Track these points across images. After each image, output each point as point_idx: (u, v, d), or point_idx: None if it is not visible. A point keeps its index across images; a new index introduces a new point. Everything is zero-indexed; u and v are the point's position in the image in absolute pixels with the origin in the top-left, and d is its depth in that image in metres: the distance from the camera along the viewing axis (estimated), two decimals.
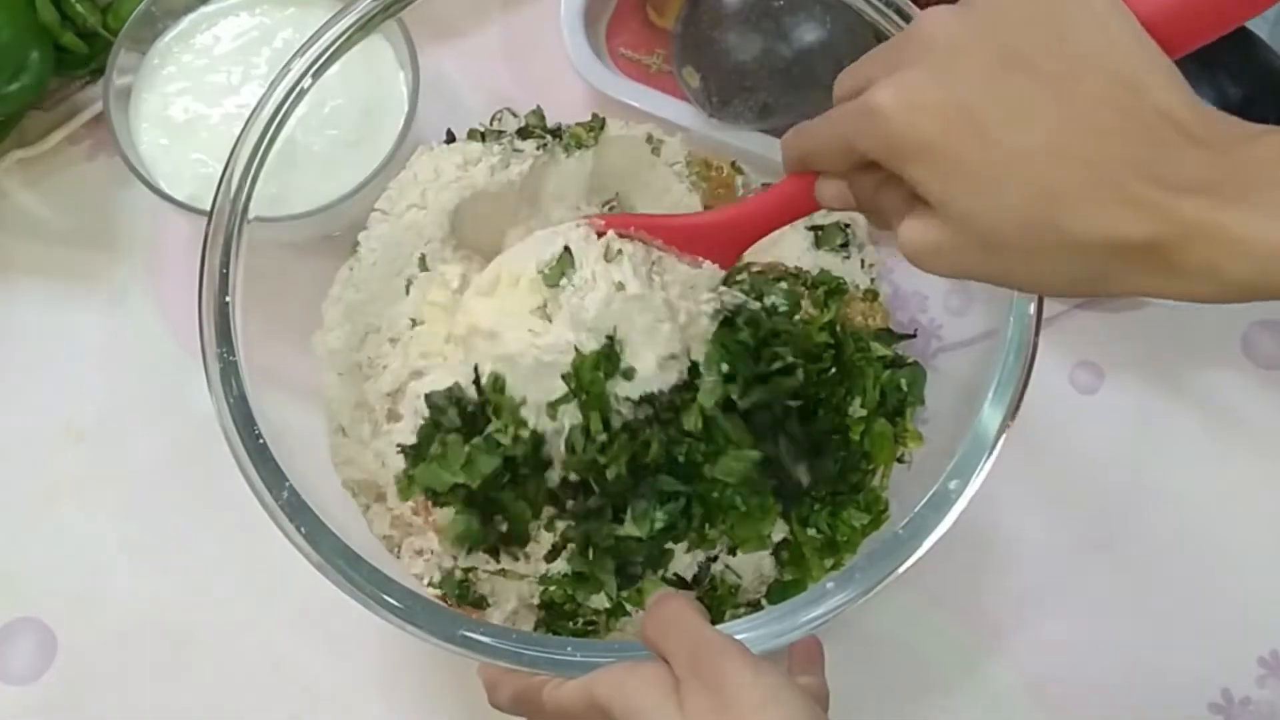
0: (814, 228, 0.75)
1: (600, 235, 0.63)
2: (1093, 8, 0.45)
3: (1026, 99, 0.44)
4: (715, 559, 0.67)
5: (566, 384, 0.61)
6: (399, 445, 0.65)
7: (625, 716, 0.50)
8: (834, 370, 0.68)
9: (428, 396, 0.64)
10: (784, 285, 0.71)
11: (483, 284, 0.66)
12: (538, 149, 0.74)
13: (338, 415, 0.71)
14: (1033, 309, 0.61)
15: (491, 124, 0.78)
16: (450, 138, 0.76)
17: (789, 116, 0.77)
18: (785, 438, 0.65)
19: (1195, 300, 0.44)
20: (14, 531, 0.76)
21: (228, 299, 0.62)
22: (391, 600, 0.56)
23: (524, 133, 0.77)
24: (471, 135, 0.76)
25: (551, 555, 0.65)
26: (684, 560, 0.66)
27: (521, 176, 0.73)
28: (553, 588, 0.66)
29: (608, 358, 0.61)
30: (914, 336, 0.73)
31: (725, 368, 0.63)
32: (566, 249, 0.63)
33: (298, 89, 0.67)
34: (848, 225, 0.75)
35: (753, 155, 0.80)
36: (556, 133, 0.77)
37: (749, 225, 0.62)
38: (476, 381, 0.63)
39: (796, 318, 0.69)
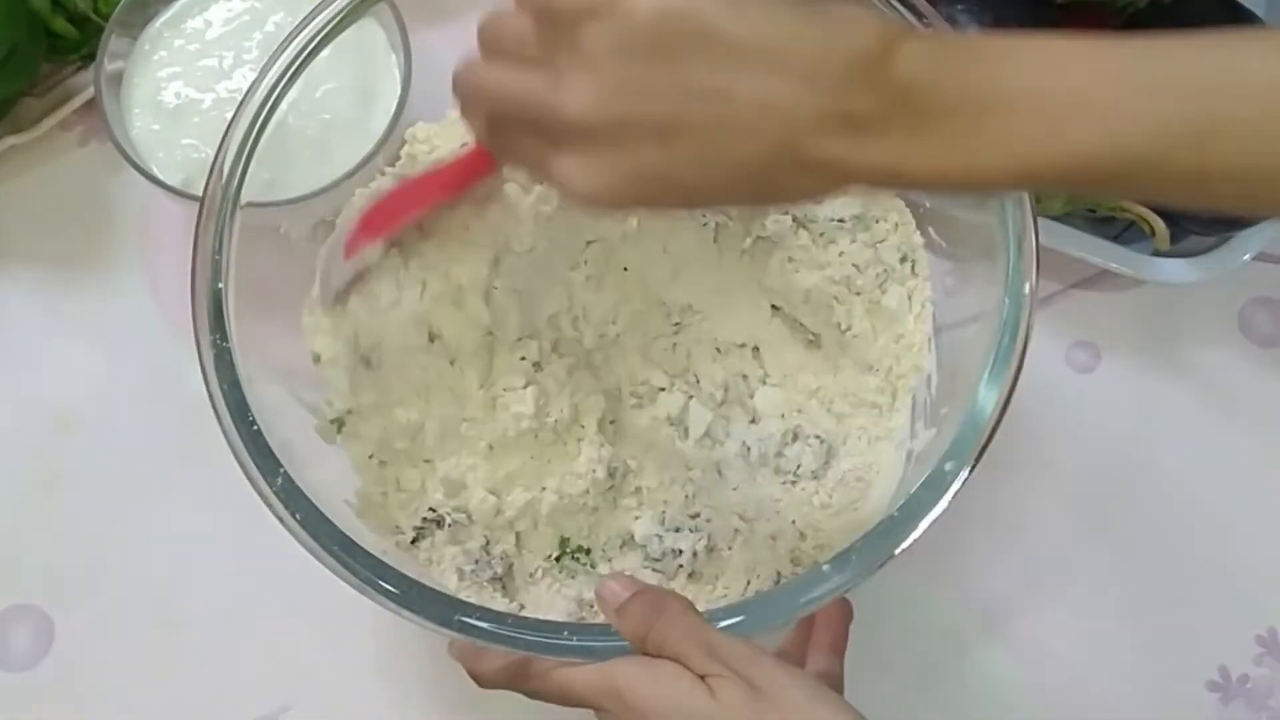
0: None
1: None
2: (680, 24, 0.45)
3: (689, 142, 0.46)
4: None
5: None
6: None
7: (653, 704, 0.50)
8: None
9: None
10: None
11: None
12: None
13: None
14: (1028, 289, 0.61)
15: None
16: None
17: None
18: None
19: None
20: (10, 518, 0.76)
21: (220, 285, 0.62)
22: (387, 586, 0.56)
23: None
24: None
25: None
26: None
27: None
28: None
29: None
30: None
31: None
32: None
33: (289, 73, 0.66)
34: None
35: None
36: None
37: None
38: None
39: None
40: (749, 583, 0.69)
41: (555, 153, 0.48)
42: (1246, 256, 0.78)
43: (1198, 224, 0.77)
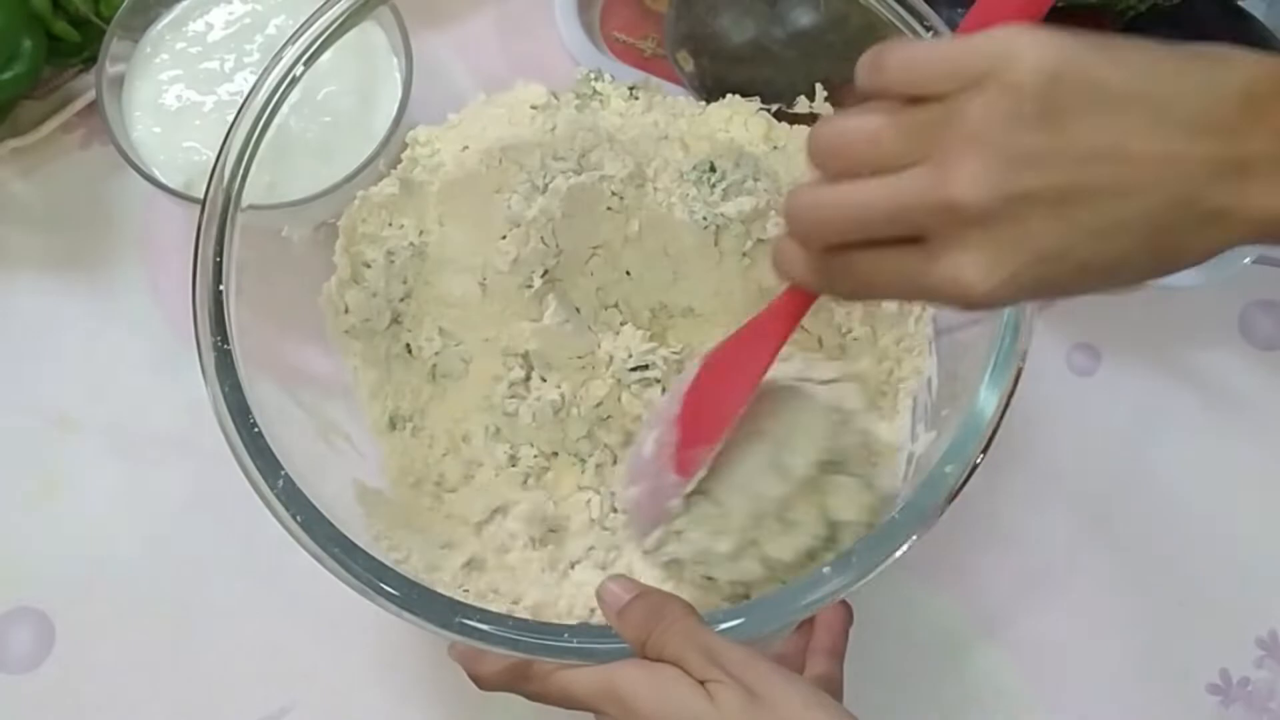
0: None
1: None
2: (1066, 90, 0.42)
3: (1088, 208, 0.43)
4: None
5: None
6: None
7: (652, 708, 0.50)
8: None
9: None
10: None
11: None
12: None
13: None
14: None
15: None
16: None
17: (782, 101, 0.77)
18: None
19: None
20: (11, 520, 0.76)
21: (221, 288, 0.62)
22: (387, 588, 0.56)
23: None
24: None
25: None
26: None
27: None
28: None
29: None
30: None
31: None
32: None
33: (291, 76, 0.66)
34: None
35: None
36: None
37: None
38: None
39: None
40: None
41: (939, 258, 0.44)
42: (1247, 260, 0.77)
43: None
